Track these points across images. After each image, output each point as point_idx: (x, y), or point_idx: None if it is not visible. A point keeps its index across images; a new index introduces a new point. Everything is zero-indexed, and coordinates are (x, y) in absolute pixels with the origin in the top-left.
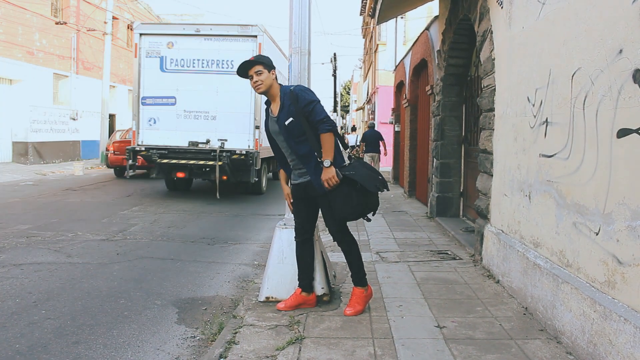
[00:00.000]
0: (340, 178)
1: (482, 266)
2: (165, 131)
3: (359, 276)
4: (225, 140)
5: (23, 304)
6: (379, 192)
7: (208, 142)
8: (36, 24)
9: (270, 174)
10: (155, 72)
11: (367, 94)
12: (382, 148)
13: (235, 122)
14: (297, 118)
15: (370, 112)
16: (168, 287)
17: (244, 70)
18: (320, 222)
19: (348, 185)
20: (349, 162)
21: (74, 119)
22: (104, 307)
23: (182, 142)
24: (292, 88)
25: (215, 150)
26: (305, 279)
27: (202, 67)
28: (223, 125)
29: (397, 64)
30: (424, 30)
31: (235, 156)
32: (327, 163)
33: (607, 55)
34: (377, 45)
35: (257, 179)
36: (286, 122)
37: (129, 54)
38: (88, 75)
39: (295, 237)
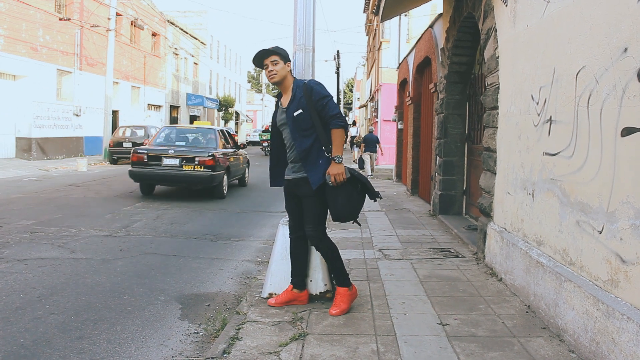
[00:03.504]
0: (348, 177)
1: (485, 264)
2: None
3: (342, 277)
4: None
5: (27, 298)
6: (377, 198)
7: None
8: (40, 20)
9: None
10: None
11: (370, 92)
12: (378, 149)
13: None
14: (307, 111)
15: (373, 109)
16: (171, 283)
17: (260, 59)
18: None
19: (351, 186)
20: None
21: (77, 115)
22: (107, 303)
23: None
24: (306, 81)
25: None
26: (298, 276)
27: None
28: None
29: (400, 61)
30: (427, 28)
31: None
32: (338, 159)
33: (611, 54)
34: (381, 42)
35: None
36: (295, 114)
37: (132, 50)
38: (91, 72)
39: (289, 233)
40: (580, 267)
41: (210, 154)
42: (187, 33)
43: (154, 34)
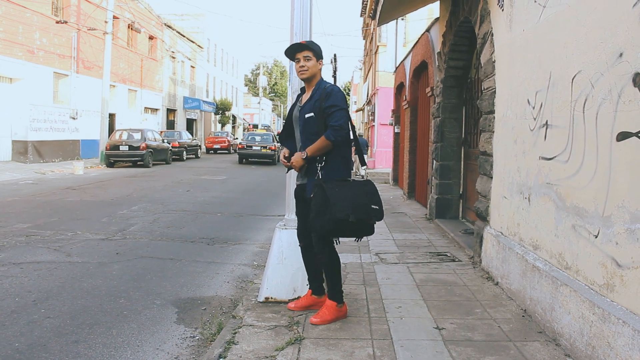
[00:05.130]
0: (318, 191)
1: (481, 268)
2: None
3: (334, 291)
4: None
5: (22, 302)
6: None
7: None
8: (37, 23)
9: None
10: None
11: (367, 96)
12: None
13: None
14: (318, 116)
15: (370, 113)
16: (167, 287)
17: (292, 52)
18: None
19: (325, 200)
20: (352, 178)
21: (73, 118)
22: (103, 307)
23: None
24: (327, 85)
25: None
26: (314, 282)
27: None
28: None
29: (397, 65)
30: (424, 32)
31: None
32: (304, 154)
33: (607, 59)
34: (378, 46)
35: None
36: (306, 116)
37: (129, 53)
38: (88, 75)
39: (299, 242)
40: (576, 271)
41: (273, 144)
42: (184, 36)
43: (151, 37)
